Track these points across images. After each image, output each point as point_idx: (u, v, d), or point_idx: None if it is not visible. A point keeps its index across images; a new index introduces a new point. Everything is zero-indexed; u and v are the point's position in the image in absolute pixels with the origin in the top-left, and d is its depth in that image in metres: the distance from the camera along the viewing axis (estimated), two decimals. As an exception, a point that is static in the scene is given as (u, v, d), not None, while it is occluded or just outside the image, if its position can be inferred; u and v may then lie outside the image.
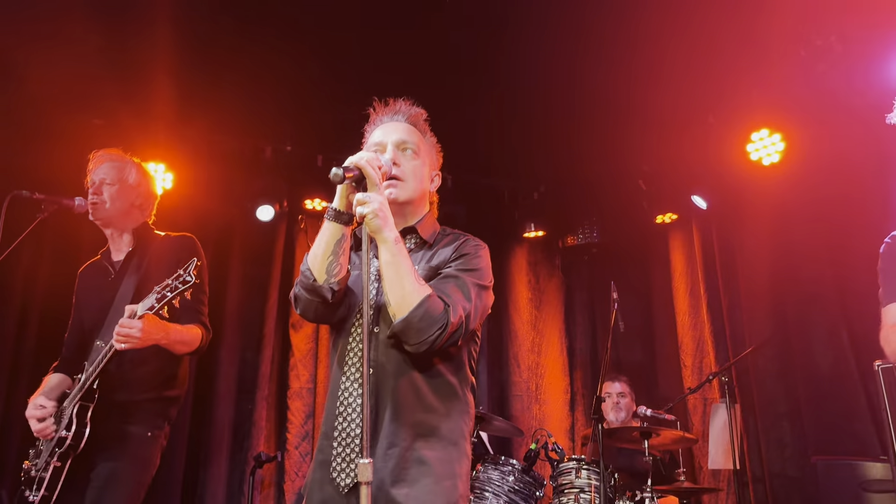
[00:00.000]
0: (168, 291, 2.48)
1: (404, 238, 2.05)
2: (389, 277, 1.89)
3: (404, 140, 2.14)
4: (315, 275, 1.96)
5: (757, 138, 4.77)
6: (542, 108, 4.89)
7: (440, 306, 1.89)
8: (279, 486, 5.20)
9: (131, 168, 3.02)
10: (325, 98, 4.86)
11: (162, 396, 2.85)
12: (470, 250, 2.08)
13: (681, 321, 5.53)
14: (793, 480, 4.57)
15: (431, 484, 1.89)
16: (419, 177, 2.13)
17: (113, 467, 2.67)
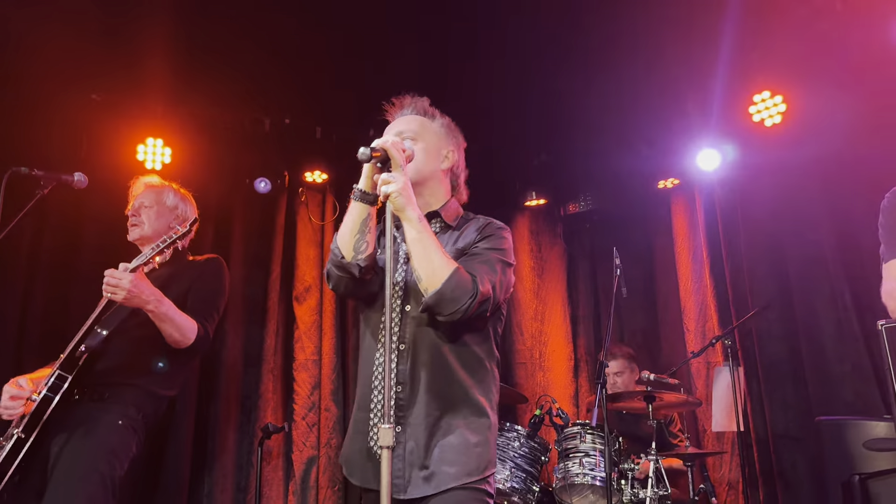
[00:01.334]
0: (162, 243, 2.57)
1: (429, 222, 2.16)
2: (417, 254, 2.02)
3: (401, 130, 2.27)
4: (343, 252, 2.10)
5: (759, 100, 4.73)
6: (541, 74, 4.84)
7: (468, 278, 2.02)
8: (287, 456, 5.25)
9: (168, 192, 3.15)
10: (323, 70, 4.82)
11: (145, 389, 2.80)
12: (494, 231, 2.22)
13: (683, 286, 5.53)
14: (796, 441, 4.60)
15: (462, 449, 2.05)
16: (419, 159, 2.21)
17: (76, 452, 2.58)
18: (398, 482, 2.02)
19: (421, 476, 2.03)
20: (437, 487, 2.01)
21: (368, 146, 2.00)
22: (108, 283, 2.50)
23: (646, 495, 3.85)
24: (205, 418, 5.09)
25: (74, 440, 2.60)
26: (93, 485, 2.55)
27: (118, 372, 2.73)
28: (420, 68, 4.64)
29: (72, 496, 2.51)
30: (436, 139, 2.32)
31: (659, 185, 5.74)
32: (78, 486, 2.53)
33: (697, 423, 5.30)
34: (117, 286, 2.51)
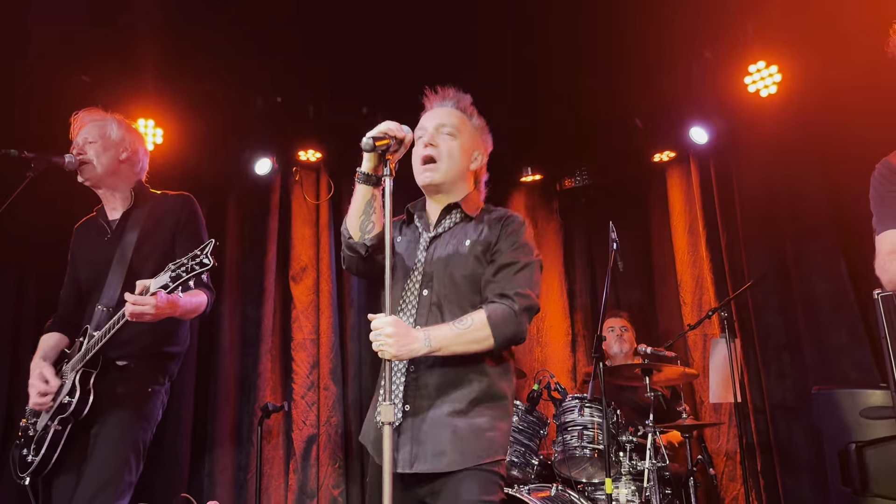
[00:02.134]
0: (183, 272, 2.42)
1: (449, 213, 2.33)
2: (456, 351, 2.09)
3: (443, 123, 2.32)
4: (351, 232, 2.22)
5: (754, 70, 4.70)
6: (535, 48, 4.80)
7: (501, 312, 2.11)
8: (287, 434, 5.28)
9: (112, 123, 2.97)
10: (315, 48, 4.77)
11: (161, 353, 2.85)
12: (517, 227, 2.27)
13: (680, 259, 5.54)
14: (793, 411, 4.64)
15: (475, 433, 2.10)
16: (455, 157, 2.30)
17: (113, 423, 2.67)
18: (405, 457, 2.08)
19: (430, 453, 2.07)
20: (447, 466, 2.06)
21: (373, 131, 2.08)
22: (133, 313, 2.49)
23: (644, 467, 3.87)
24: (204, 399, 5.11)
25: (109, 415, 2.68)
26: (128, 450, 2.67)
27: (132, 343, 2.74)
28: (413, 46, 4.60)
29: (110, 463, 2.62)
30: (471, 139, 2.38)
31: (654, 159, 5.73)
32: (115, 453, 2.64)
33: (695, 394, 5.33)
34: (142, 314, 2.50)
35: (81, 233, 3.07)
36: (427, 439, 2.09)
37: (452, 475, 2.07)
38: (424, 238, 2.32)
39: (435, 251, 2.28)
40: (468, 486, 2.06)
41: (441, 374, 2.14)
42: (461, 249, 2.24)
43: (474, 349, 2.10)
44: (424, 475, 2.10)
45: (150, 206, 2.96)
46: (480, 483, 2.07)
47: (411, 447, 2.09)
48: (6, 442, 4.16)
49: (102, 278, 2.84)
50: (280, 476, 5.22)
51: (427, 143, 2.29)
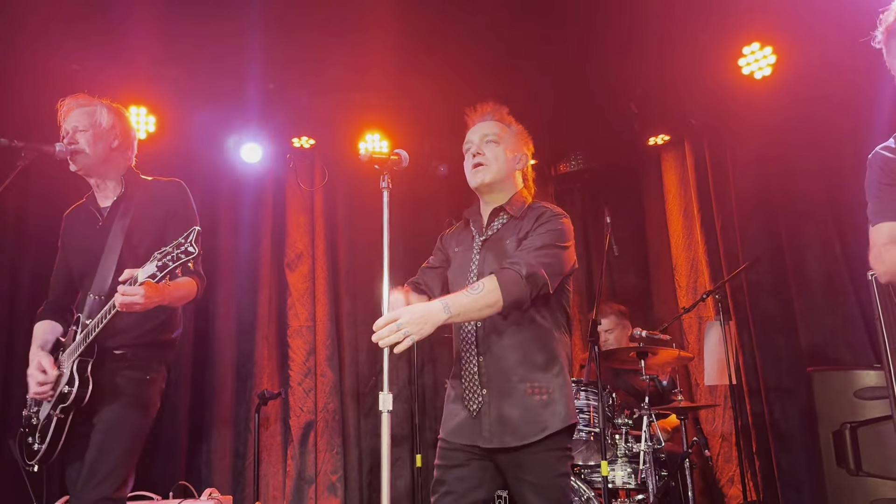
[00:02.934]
0: (170, 261, 2.41)
1: (497, 216, 2.61)
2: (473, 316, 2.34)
3: (486, 133, 2.63)
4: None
5: (748, 52, 4.68)
6: (529, 32, 4.77)
7: (506, 275, 2.33)
8: (285, 421, 5.30)
9: (102, 110, 2.92)
10: (307, 34, 4.73)
11: (157, 341, 2.85)
12: (549, 218, 2.52)
13: (675, 242, 5.54)
14: (788, 392, 4.66)
15: (541, 408, 2.39)
16: (500, 160, 2.60)
17: (115, 411, 2.69)
18: (486, 434, 2.41)
19: (507, 430, 2.38)
20: (521, 440, 2.36)
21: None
22: (123, 303, 2.48)
23: (639, 449, 3.89)
24: (201, 387, 5.12)
25: (112, 403, 2.70)
26: (130, 438, 2.70)
27: (127, 332, 2.75)
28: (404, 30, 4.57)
29: (113, 449, 2.65)
30: (513, 143, 2.68)
31: (649, 142, 5.71)
32: (118, 440, 2.67)
33: (690, 377, 5.35)
34: (132, 304, 2.49)
35: (71, 220, 3.05)
36: (505, 416, 2.39)
37: (532, 447, 2.36)
38: (477, 242, 2.61)
39: (486, 254, 2.56)
40: (547, 464, 2.37)
41: (503, 357, 2.45)
42: (506, 248, 2.51)
43: (488, 313, 2.32)
44: (503, 448, 2.39)
45: (141, 194, 2.94)
46: (556, 459, 2.39)
47: (491, 426, 2.40)
48: (3, 429, 4.16)
49: (93, 266, 2.83)
50: (278, 462, 5.25)
51: (475, 153, 2.59)
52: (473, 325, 2.48)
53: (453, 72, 4.92)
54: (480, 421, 2.43)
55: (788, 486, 4.56)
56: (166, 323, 2.88)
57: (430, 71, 4.82)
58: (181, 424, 4.91)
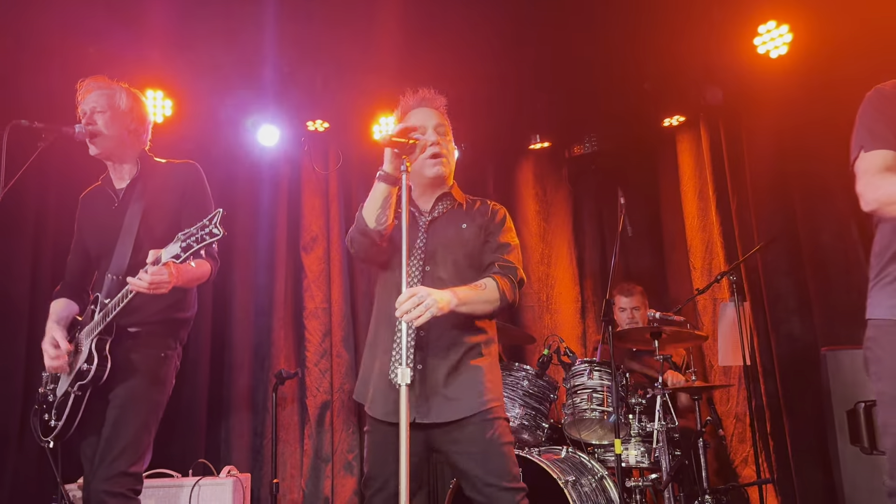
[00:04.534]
0: (194, 242, 2.43)
1: (443, 200, 2.67)
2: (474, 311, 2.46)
3: (441, 124, 2.67)
4: (367, 221, 2.48)
5: (764, 31, 4.64)
6: (540, 12, 4.75)
7: (507, 282, 2.51)
8: (301, 401, 5.37)
9: (120, 93, 2.97)
10: (322, 16, 4.74)
11: (172, 319, 2.89)
12: (504, 217, 2.69)
13: (689, 224, 5.52)
14: (802, 373, 4.65)
15: (479, 380, 2.47)
16: (452, 154, 2.71)
17: (130, 387, 2.75)
18: (422, 409, 2.41)
19: (443, 404, 2.42)
20: (458, 413, 2.41)
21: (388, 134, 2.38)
22: (152, 283, 2.53)
23: (653, 428, 3.91)
24: (219, 367, 5.20)
25: (127, 380, 2.76)
26: (146, 414, 2.76)
27: (142, 310, 2.79)
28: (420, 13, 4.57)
29: (130, 425, 2.71)
30: (452, 138, 2.76)
31: (664, 124, 5.68)
32: (134, 416, 2.73)
33: (704, 357, 5.36)
34: (160, 283, 2.55)
35: (88, 201, 3.10)
36: (437, 392, 2.43)
37: (466, 421, 2.41)
38: (423, 221, 2.64)
39: (434, 232, 2.61)
40: (490, 431, 2.41)
41: (444, 333, 2.48)
42: (459, 231, 2.60)
43: (483, 309, 2.48)
44: (433, 423, 2.42)
45: (157, 175, 2.99)
46: (500, 427, 2.44)
47: (428, 399, 2.42)
48: (26, 408, 4.26)
49: (110, 246, 2.87)
50: (295, 441, 5.32)
51: (434, 142, 2.59)
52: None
53: (464, 54, 4.91)
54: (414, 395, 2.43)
55: (803, 465, 4.57)
56: (181, 302, 2.93)
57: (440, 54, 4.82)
58: (200, 404, 4.99)
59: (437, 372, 2.45)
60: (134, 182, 2.98)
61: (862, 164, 2.25)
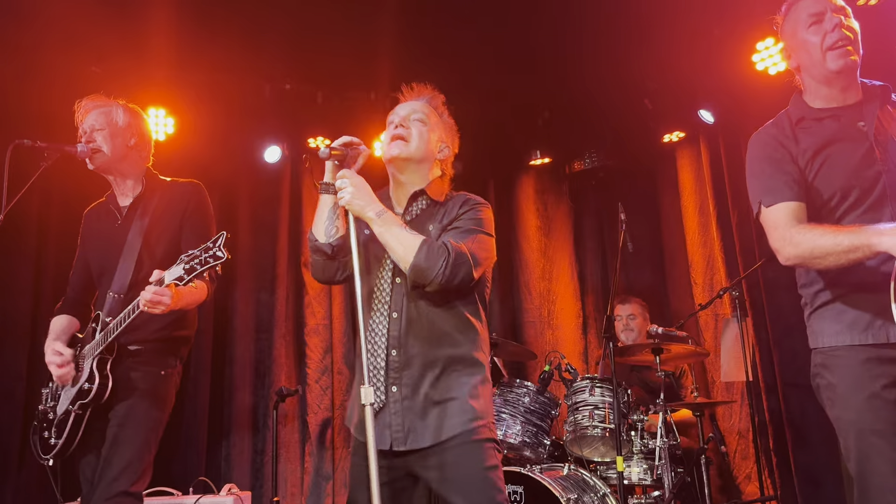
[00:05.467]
0: (197, 264, 2.43)
1: (416, 200, 2.43)
2: (388, 243, 2.23)
3: (414, 110, 2.47)
4: (317, 237, 2.39)
5: (762, 48, 4.67)
6: (541, 31, 4.79)
7: (439, 245, 2.22)
8: (303, 418, 5.35)
9: (118, 110, 2.99)
10: (322, 34, 4.78)
11: (172, 337, 2.88)
12: (472, 206, 2.40)
13: (690, 239, 5.53)
14: (805, 389, 4.56)
15: (461, 401, 2.22)
16: (424, 139, 2.42)
17: (131, 406, 2.74)
18: (398, 436, 2.20)
19: (421, 429, 2.19)
20: (436, 438, 2.17)
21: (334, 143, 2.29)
22: (151, 301, 2.52)
23: (655, 445, 3.90)
24: (220, 384, 5.20)
25: (127, 399, 2.75)
26: (147, 432, 2.75)
27: (143, 328, 2.78)
28: (420, 30, 4.61)
29: (130, 444, 2.70)
30: (440, 130, 2.52)
31: (664, 139, 5.70)
32: (134, 435, 2.71)
33: (706, 373, 5.34)
34: (160, 303, 2.53)
35: (91, 218, 3.12)
36: (415, 416, 2.21)
37: (446, 443, 2.17)
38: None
39: None
40: (469, 458, 2.16)
41: (420, 350, 2.25)
42: (429, 234, 2.31)
43: (395, 253, 2.21)
44: (416, 450, 2.20)
45: (160, 194, 3.00)
46: (480, 451, 2.18)
47: (403, 425, 2.20)
48: (27, 427, 4.25)
49: (113, 264, 2.88)
50: (296, 459, 5.30)
51: (398, 124, 2.42)
52: (387, 315, 2.29)
53: (465, 70, 4.94)
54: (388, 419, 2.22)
55: (806, 482, 4.54)
56: (181, 320, 2.92)
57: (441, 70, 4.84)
58: (201, 421, 4.98)
59: (415, 393, 2.22)
60: (137, 200, 2.99)
61: (768, 219, 2.23)
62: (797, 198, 2.19)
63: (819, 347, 2.22)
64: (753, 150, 2.34)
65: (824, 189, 2.18)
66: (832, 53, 2.21)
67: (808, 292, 2.28)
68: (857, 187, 2.13)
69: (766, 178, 2.25)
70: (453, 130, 2.60)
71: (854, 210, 2.14)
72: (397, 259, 2.23)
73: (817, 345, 2.23)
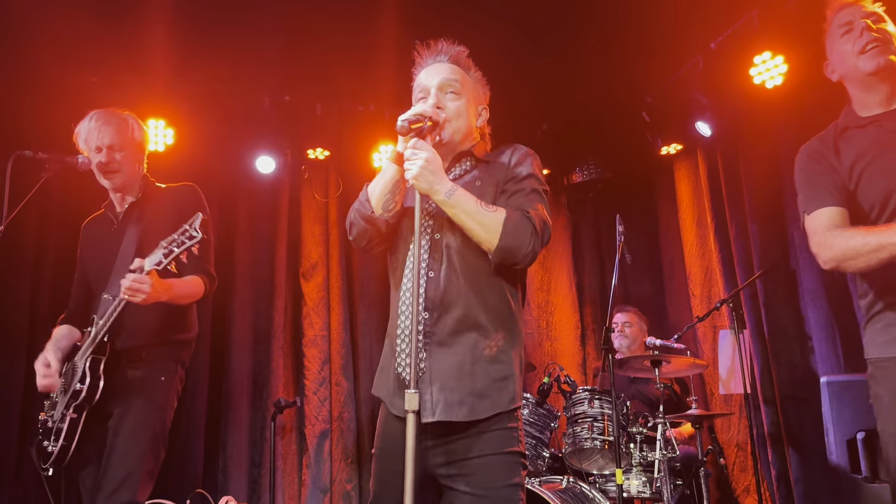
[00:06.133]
0: (175, 247, 2.47)
1: (460, 161, 2.26)
2: (464, 223, 2.05)
3: (447, 81, 2.24)
4: (373, 206, 2.17)
5: (759, 61, 4.69)
6: (540, 42, 4.82)
7: (519, 217, 2.05)
8: (300, 430, 5.33)
9: (133, 126, 3.01)
10: (321, 45, 4.80)
11: (172, 340, 2.88)
12: (524, 159, 2.22)
13: (688, 251, 5.54)
14: (803, 401, 4.63)
15: (491, 381, 2.05)
16: (463, 115, 2.23)
17: (129, 413, 2.72)
18: (426, 404, 2.01)
19: (450, 401, 2.02)
20: (467, 416, 2.01)
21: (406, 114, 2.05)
22: (130, 288, 2.51)
23: (654, 457, 3.89)
24: (217, 395, 5.17)
25: (126, 405, 2.73)
26: (147, 441, 2.71)
27: (142, 332, 2.78)
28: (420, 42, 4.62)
29: (129, 454, 2.67)
30: (474, 95, 2.33)
31: (662, 152, 5.72)
32: (133, 443, 2.68)
33: (705, 386, 5.34)
34: (139, 290, 2.52)
35: (90, 228, 3.13)
36: (445, 386, 2.03)
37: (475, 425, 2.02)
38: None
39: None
40: (493, 472, 2.01)
41: (454, 319, 2.07)
42: (472, 190, 2.13)
43: (476, 234, 2.04)
44: (441, 436, 2.05)
45: (156, 199, 3.02)
46: (505, 466, 2.02)
47: (432, 394, 2.03)
48: (24, 438, 4.23)
49: (108, 268, 2.88)
50: (293, 471, 5.28)
51: (434, 105, 2.17)
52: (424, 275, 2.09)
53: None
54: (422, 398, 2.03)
55: (805, 495, 4.53)
56: (181, 323, 2.92)
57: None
58: (198, 433, 4.95)
59: (444, 365, 2.05)
60: (133, 206, 3.00)
61: (809, 226, 2.27)
62: (836, 203, 2.21)
63: (869, 358, 2.22)
64: (799, 164, 2.40)
65: (866, 196, 2.20)
66: (864, 56, 2.25)
67: (863, 304, 2.28)
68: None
69: (806, 188, 2.32)
70: (483, 83, 2.41)
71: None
72: (479, 241, 2.04)
73: (868, 356, 2.23)
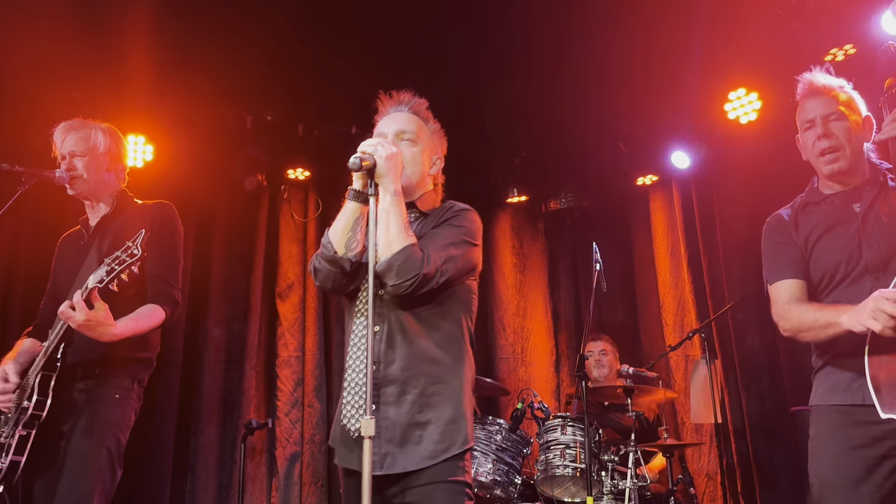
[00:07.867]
0: (116, 265, 2.43)
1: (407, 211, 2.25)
2: (382, 221, 2.09)
3: (403, 130, 2.32)
4: (336, 247, 2.19)
5: (734, 97, 4.81)
6: (520, 72, 4.89)
7: (419, 256, 2.10)
8: (270, 452, 5.26)
9: (97, 134, 2.96)
10: (303, 66, 4.83)
11: (129, 358, 2.80)
12: (457, 212, 2.30)
13: (662, 281, 5.61)
14: (773, 432, 4.69)
15: (440, 425, 2.11)
16: (417, 162, 2.30)
17: (81, 432, 2.64)
18: (375, 458, 2.02)
19: (398, 453, 2.07)
20: (417, 464, 2.07)
21: (357, 152, 2.08)
22: (62, 312, 2.48)
23: (625, 486, 3.90)
24: (187, 415, 5.09)
25: (78, 422, 2.65)
26: (100, 459, 2.63)
27: (95, 347, 2.68)
28: (401, 66, 4.67)
29: (81, 474, 2.59)
30: (430, 144, 2.39)
31: (638, 182, 5.82)
32: (85, 463, 2.60)
33: (676, 415, 5.38)
34: (70, 318, 2.49)
35: (65, 242, 3.09)
36: (393, 438, 2.08)
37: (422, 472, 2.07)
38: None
39: None
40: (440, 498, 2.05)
41: (400, 370, 2.13)
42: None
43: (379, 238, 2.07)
44: (393, 475, 2.09)
45: (128, 214, 2.97)
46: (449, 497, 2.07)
47: (381, 447, 2.07)
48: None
49: (71, 281, 2.82)
50: (262, 494, 5.20)
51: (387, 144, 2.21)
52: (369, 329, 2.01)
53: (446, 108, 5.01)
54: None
55: (773, 526, 4.57)
56: (139, 341, 2.80)
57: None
58: (166, 453, 4.87)
59: (393, 413, 2.10)
60: (104, 219, 2.96)
61: (771, 295, 2.49)
62: (795, 276, 2.42)
63: (811, 404, 2.42)
64: (764, 235, 2.58)
65: (818, 268, 2.39)
66: (822, 160, 2.43)
67: (813, 357, 2.49)
68: (843, 263, 2.32)
69: (769, 259, 2.51)
70: (440, 135, 2.47)
71: (840, 285, 2.34)
72: (379, 242, 2.08)
73: (811, 402, 2.43)
